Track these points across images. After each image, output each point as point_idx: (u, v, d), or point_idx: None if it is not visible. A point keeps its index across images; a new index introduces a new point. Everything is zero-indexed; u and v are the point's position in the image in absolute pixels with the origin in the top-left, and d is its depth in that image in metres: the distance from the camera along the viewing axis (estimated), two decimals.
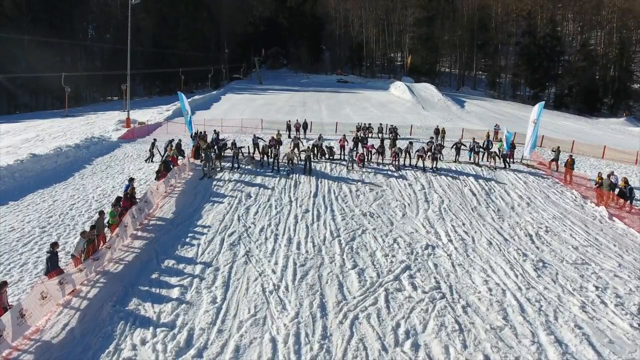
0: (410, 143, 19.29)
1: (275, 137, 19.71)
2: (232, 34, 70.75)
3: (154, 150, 19.18)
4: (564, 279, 9.92)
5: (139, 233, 11.59)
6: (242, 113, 35.97)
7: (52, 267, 8.62)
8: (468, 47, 72.28)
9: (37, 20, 52.11)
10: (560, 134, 32.07)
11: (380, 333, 7.66)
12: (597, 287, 9.62)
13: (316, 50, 78.18)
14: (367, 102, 45.93)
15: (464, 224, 12.76)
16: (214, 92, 51.22)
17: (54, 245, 8.84)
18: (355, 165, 17.86)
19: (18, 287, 8.77)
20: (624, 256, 11.35)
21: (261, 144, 19.00)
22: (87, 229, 10.16)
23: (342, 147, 19.66)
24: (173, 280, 9.23)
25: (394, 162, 18.35)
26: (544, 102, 20.59)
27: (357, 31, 76.25)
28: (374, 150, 19.05)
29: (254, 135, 20.21)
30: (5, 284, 7.30)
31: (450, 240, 11.67)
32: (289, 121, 26.02)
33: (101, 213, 10.92)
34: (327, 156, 19.36)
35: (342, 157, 19.37)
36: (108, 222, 10.65)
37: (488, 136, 23.45)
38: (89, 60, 62.72)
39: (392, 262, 10.33)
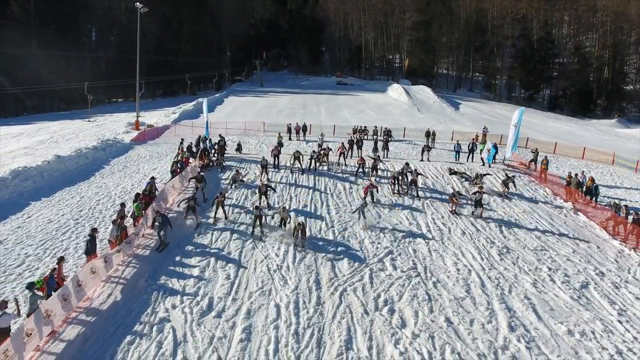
0: (407, 164, 17.96)
1: (276, 145, 20.77)
2: (233, 37, 72.47)
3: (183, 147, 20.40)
4: (523, 262, 11.71)
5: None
6: (245, 116, 37.62)
7: (92, 249, 10.41)
8: (465, 49, 73.92)
9: (45, 24, 53.64)
10: (548, 136, 33.75)
11: (363, 301, 9.46)
12: (550, 269, 11.41)
13: (316, 52, 79.89)
14: (365, 105, 47.68)
15: (442, 217, 14.54)
16: (217, 95, 52.95)
17: (94, 230, 10.65)
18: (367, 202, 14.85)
19: (65, 266, 10.53)
20: (580, 244, 13.13)
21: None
22: (118, 220, 11.95)
23: (342, 154, 20.23)
24: (193, 261, 11.03)
25: (393, 188, 16.90)
26: (524, 108, 22.26)
27: (356, 34, 77.92)
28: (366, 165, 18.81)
29: (263, 157, 18.78)
30: (62, 259, 9.10)
31: (429, 230, 13.46)
32: (290, 124, 27.79)
33: (122, 205, 12.72)
34: (325, 159, 19.70)
35: (338, 162, 20.09)
36: (134, 214, 12.45)
37: (476, 139, 24.89)
38: (94, 62, 64.36)
39: (377, 248, 12.12)
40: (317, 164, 19.50)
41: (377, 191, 15.91)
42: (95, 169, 19.84)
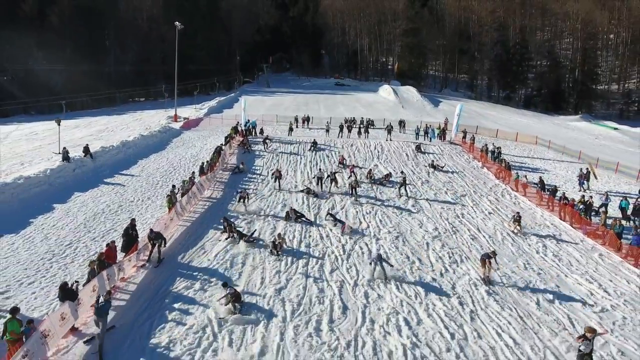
0: (404, 179, 20.19)
1: (277, 169, 21.32)
2: (242, 42, 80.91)
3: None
4: (435, 187, 20.67)
5: (225, 172, 22.25)
6: (258, 111, 46.24)
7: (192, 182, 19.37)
8: (451, 53, 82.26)
9: (77, 33, 61.52)
10: (506, 127, 41.92)
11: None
12: (447, 189, 20.35)
13: (316, 55, 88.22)
14: (358, 103, 56.46)
15: (394, 168, 23.47)
16: (232, 95, 61.73)
17: (194, 171, 19.64)
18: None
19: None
20: (474, 180, 22.14)
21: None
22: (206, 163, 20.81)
23: (342, 163, 24.14)
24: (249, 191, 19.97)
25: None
26: (463, 104, 31.21)
27: (352, 39, 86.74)
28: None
29: (244, 189, 18.71)
30: (193, 173, 18.04)
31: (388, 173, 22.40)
32: (297, 116, 36.75)
33: (213, 153, 21.59)
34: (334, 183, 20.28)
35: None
36: (212, 160, 21.39)
37: (438, 127, 33.54)
38: (119, 63, 72.38)
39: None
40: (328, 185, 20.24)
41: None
42: (164, 144, 28.69)
